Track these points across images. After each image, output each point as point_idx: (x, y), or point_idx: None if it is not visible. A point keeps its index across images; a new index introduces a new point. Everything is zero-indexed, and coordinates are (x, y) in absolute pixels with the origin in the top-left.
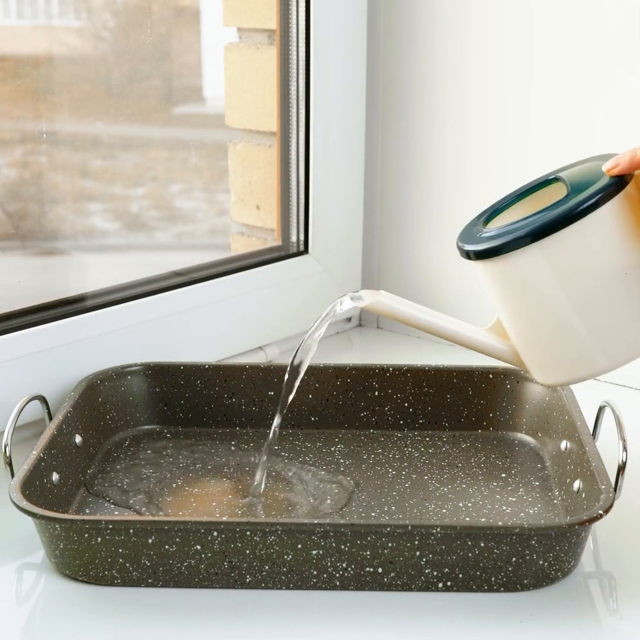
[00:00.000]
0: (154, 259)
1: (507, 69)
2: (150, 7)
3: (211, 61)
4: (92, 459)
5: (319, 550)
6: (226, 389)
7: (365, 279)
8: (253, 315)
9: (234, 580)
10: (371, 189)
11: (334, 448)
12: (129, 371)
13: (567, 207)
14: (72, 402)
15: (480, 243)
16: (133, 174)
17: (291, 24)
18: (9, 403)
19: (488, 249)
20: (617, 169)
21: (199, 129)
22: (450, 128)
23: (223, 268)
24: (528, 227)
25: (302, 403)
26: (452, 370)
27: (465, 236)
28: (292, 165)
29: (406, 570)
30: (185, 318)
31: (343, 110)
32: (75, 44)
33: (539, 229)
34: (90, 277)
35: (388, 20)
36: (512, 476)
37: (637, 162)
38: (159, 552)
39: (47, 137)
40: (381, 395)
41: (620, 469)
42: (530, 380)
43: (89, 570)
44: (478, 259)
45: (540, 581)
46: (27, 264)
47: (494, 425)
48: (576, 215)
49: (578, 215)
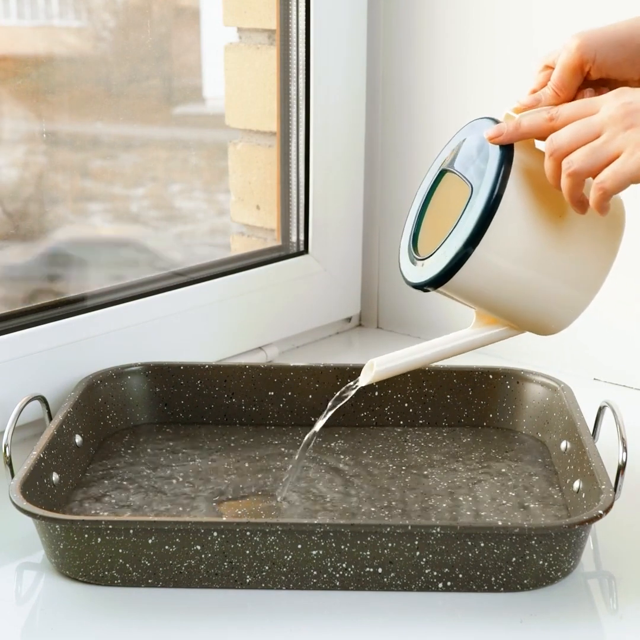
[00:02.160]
0: (154, 259)
1: (507, 68)
2: (150, 7)
3: (211, 61)
4: (92, 459)
5: (319, 551)
6: (226, 389)
7: (365, 279)
8: (253, 315)
9: (234, 580)
10: (371, 189)
11: (334, 444)
12: (129, 371)
13: (483, 202)
14: (72, 402)
15: (427, 274)
16: (133, 174)
17: (291, 24)
18: (9, 403)
19: (438, 277)
20: (501, 138)
21: (199, 129)
22: (451, 128)
23: (223, 268)
24: (461, 240)
25: (302, 403)
26: (452, 371)
27: (408, 270)
28: (292, 165)
29: (406, 570)
30: (185, 318)
31: (343, 110)
32: (75, 44)
33: (473, 237)
34: (90, 277)
35: (388, 20)
36: (512, 471)
37: (521, 134)
38: (159, 552)
39: (47, 137)
40: (381, 395)
41: (620, 469)
42: (530, 381)
43: (89, 570)
44: (436, 288)
45: (540, 581)
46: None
47: (494, 425)
48: (493, 205)
49: (494, 204)
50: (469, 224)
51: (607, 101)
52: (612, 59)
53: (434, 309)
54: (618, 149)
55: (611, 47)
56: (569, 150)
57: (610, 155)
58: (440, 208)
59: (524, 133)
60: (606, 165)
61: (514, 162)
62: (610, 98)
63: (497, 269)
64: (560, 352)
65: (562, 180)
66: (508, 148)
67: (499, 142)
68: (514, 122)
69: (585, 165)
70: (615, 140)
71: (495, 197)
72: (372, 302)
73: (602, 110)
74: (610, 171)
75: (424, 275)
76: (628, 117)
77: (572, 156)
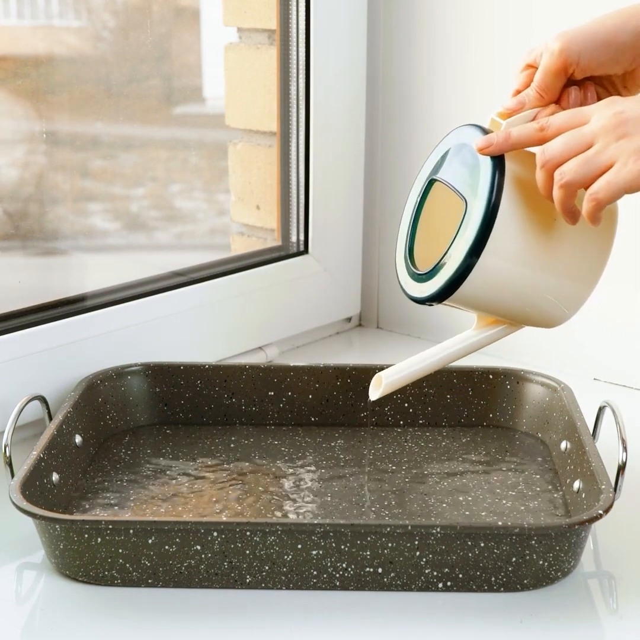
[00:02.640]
0: (154, 259)
1: (507, 68)
2: (150, 7)
3: (211, 61)
4: (92, 459)
5: (319, 551)
6: (226, 389)
7: (365, 279)
8: (253, 315)
9: (234, 580)
10: (371, 189)
11: (334, 443)
12: (129, 371)
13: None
14: (72, 402)
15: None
16: (133, 174)
17: (291, 24)
18: (9, 403)
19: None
20: (490, 149)
21: (199, 129)
22: (451, 128)
23: (223, 268)
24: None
25: (302, 403)
26: (452, 371)
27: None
28: (292, 165)
29: (406, 570)
30: (185, 318)
31: (343, 110)
32: (75, 44)
33: (474, 248)
34: (90, 277)
35: (388, 20)
36: (512, 471)
37: (511, 144)
38: (159, 552)
39: (47, 137)
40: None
41: (620, 469)
42: (530, 381)
43: (89, 570)
44: (441, 302)
45: (540, 581)
46: (27, 264)
47: (494, 425)
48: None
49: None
50: (469, 236)
51: (598, 111)
52: (596, 60)
53: (434, 309)
54: (611, 159)
55: (595, 48)
56: (561, 162)
57: (602, 165)
58: (431, 218)
59: (514, 144)
60: (599, 176)
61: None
62: (601, 107)
63: (499, 275)
64: (560, 352)
65: (554, 192)
66: (499, 158)
67: (489, 153)
68: (503, 133)
69: (578, 177)
70: (607, 150)
71: (493, 207)
72: (372, 302)
73: (593, 120)
74: (603, 182)
75: (428, 290)
76: (620, 126)
77: (564, 167)
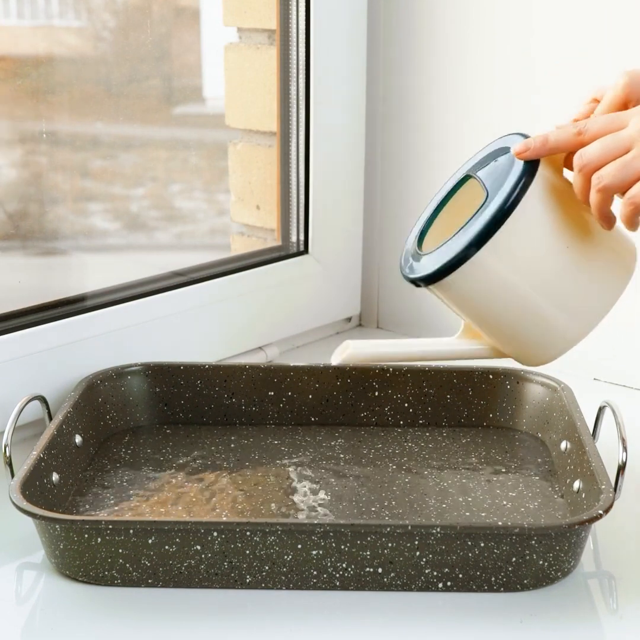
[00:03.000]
0: (154, 259)
1: (507, 69)
2: (150, 7)
3: (211, 61)
4: (92, 459)
5: (319, 551)
6: (226, 389)
7: (365, 279)
8: (253, 315)
9: (234, 580)
10: (371, 189)
11: (334, 443)
12: (129, 371)
13: (495, 208)
14: (72, 402)
15: (425, 268)
16: (133, 174)
17: (291, 24)
18: (9, 403)
19: (435, 273)
20: (527, 153)
21: (199, 129)
22: (451, 128)
23: (223, 268)
24: (465, 240)
25: (302, 403)
26: (452, 371)
27: (407, 264)
28: (292, 165)
29: (406, 570)
30: (185, 318)
31: (343, 110)
32: (75, 44)
33: (477, 239)
34: (90, 277)
35: (388, 20)
36: (512, 471)
37: (549, 149)
38: (159, 552)
39: (47, 137)
40: (381, 395)
41: (620, 469)
42: (530, 381)
43: (89, 570)
44: (429, 284)
45: (540, 581)
46: (27, 264)
47: (494, 425)
48: (505, 213)
49: (507, 212)
50: (476, 227)
51: (635, 115)
52: None
53: (434, 309)
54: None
55: None
56: (599, 165)
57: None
58: (456, 211)
59: (551, 148)
60: (637, 180)
61: (536, 177)
62: (639, 112)
63: (493, 277)
64: None
65: (592, 196)
66: (533, 162)
67: (526, 157)
68: (541, 137)
69: (616, 181)
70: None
71: (509, 205)
72: (372, 302)
73: (631, 124)
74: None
75: (420, 270)
76: None
77: (602, 171)
